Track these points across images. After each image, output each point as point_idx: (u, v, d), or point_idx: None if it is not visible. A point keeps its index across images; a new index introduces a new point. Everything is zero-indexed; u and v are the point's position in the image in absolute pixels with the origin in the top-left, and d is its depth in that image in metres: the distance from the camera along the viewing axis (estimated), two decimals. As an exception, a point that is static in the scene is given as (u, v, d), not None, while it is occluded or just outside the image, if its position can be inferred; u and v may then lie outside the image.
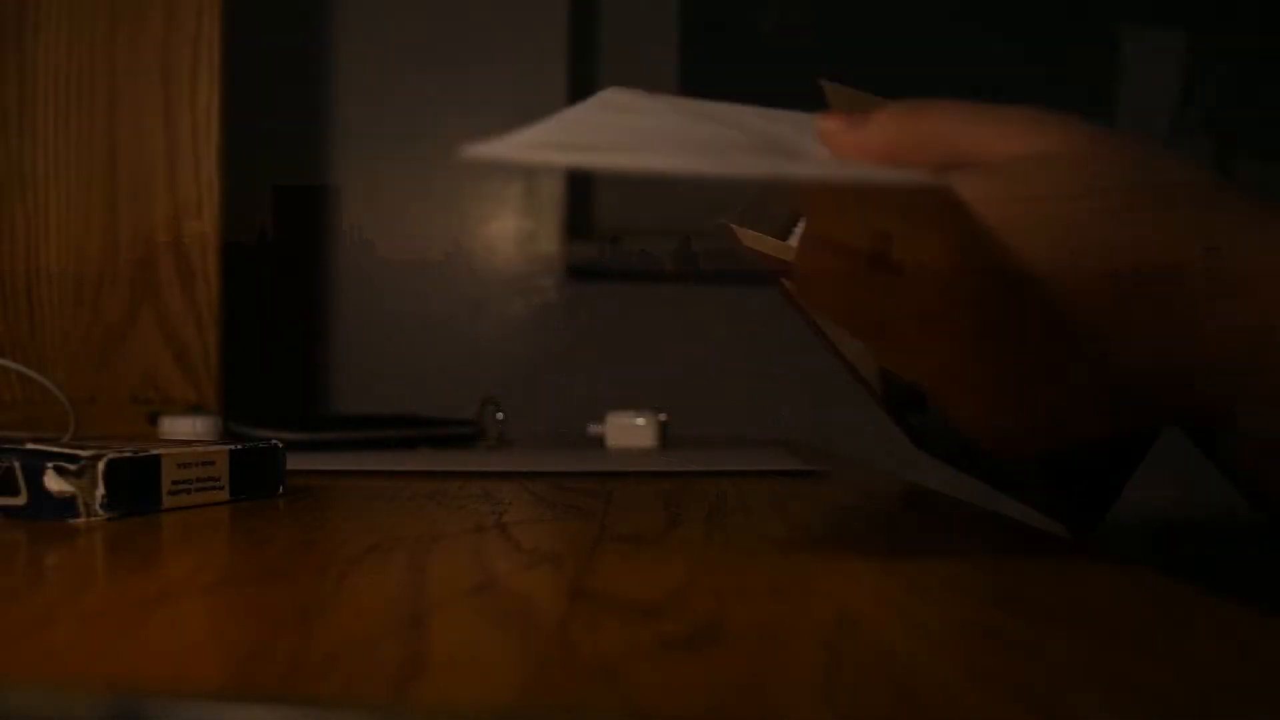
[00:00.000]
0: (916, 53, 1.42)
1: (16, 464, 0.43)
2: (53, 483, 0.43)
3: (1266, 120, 1.45)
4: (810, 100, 0.46)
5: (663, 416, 0.92)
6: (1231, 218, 0.40)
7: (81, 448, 0.45)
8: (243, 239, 1.04)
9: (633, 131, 0.38)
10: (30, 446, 0.45)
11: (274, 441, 0.53)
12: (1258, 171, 1.41)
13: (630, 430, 0.91)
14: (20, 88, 0.94)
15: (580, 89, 1.32)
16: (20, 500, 0.43)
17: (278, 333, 1.25)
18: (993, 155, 0.40)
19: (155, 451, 0.46)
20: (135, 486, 0.45)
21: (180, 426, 0.72)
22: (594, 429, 0.94)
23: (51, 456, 0.43)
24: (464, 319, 1.32)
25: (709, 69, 1.39)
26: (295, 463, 0.55)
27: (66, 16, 0.94)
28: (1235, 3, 1.45)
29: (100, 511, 0.43)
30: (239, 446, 0.51)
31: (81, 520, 0.43)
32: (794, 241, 0.48)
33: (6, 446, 0.45)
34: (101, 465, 0.43)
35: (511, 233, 1.29)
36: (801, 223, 0.47)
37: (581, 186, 1.36)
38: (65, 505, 0.43)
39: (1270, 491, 0.43)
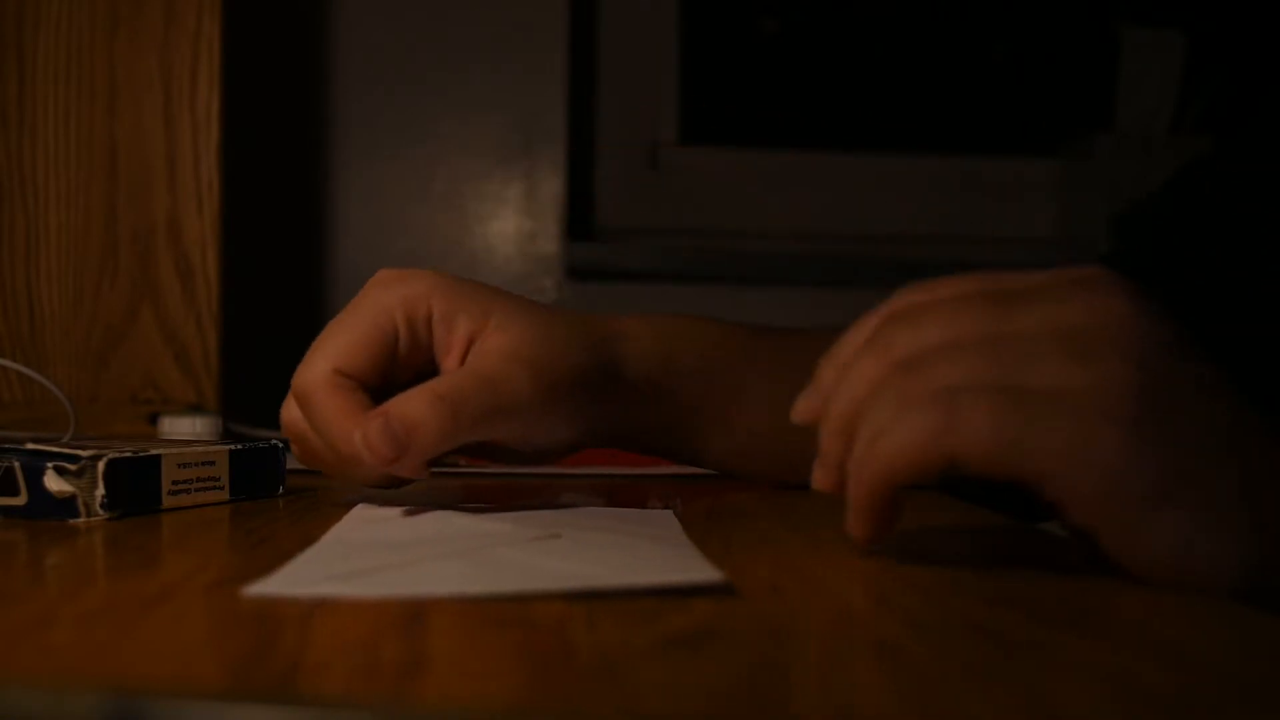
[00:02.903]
0: (915, 54, 1.42)
1: (16, 464, 0.43)
2: (53, 483, 0.43)
3: (1266, 120, 1.44)
4: (809, 102, 0.46)
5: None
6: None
7: (81, 448, 0.45)
8: (243, 239, 1.03)
9: (408, 545, 0.38)
10: (30, 446, 0.45)
11: (274, 441, 0.53)
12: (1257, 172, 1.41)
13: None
14: (20, 87, 0.94)
15: (580, 89, 1.32)
16: (20, 500, 0.43)
17: (278, 333, 1.25)
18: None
19: (155, 451, 0.46)
20: (135, 486, 0.45)
21: (180, 426, 0.72)
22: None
23: (51, 456, 0.43)
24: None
25: (709, 69, 1.39)
26: (295, 463, 0.55)
27: (66, 16, 0.94)
28: (1235, 3, 1.45)
29: (100, 511, 0.43)
30: (239, 446, 0.51)
31: (81, 520, 0.43)
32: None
33: (6, 446, 0.45)
34: (101, 465, 0.43)
35: (511, 233, 1.29)
36: None
37: (582, 186, 1.36)
38: (65, 505, 0.43)
39: None
